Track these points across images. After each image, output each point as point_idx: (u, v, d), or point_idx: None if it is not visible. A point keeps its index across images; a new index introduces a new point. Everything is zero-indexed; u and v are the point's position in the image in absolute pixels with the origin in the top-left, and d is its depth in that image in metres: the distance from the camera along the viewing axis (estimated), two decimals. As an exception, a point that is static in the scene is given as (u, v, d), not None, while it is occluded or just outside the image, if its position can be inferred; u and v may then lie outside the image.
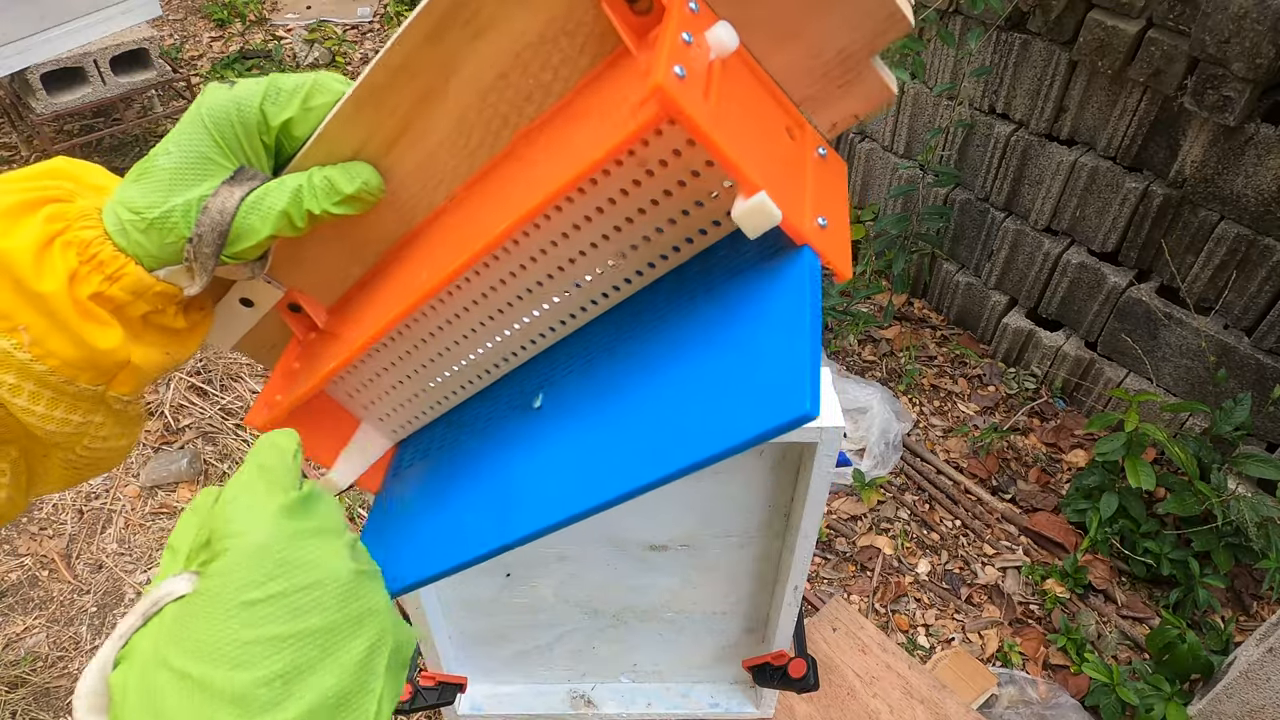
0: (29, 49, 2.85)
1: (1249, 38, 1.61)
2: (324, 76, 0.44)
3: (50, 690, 1.87)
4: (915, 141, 2.39)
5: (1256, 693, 1.50)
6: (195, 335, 0.47)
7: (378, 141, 0.43)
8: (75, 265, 0.40)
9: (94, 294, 0.41)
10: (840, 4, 0.34)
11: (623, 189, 0.38)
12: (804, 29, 0.35)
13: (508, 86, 0.40)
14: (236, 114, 0.42)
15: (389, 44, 0.40)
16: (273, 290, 0.51)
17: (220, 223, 0.41)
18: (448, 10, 0.38)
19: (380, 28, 4.13)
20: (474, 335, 0.49)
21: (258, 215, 0.42)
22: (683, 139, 0.35)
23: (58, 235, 0.40)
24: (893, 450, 2.16)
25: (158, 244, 0.41)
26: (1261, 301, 1.86)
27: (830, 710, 1.22)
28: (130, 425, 0.47)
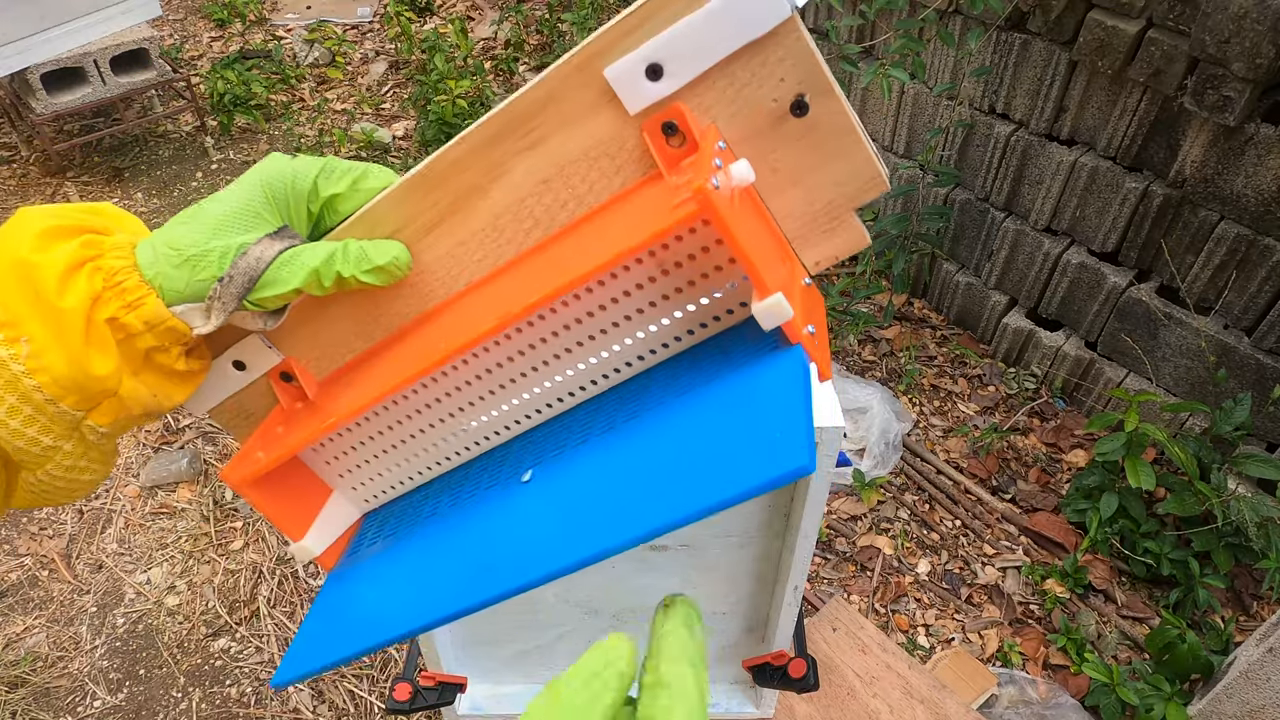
0: (29, 49, 2.85)
1: (1249, 38, 1.61)
2: (375, 166, 0.48)
3: (50, 690, 1.87)
4: (915, 141, 2.39)
5: (1256, 693, 1.50)
6: (186, 384, 0.48)
7: (416, 226, 0.48)
8: (100, 289, 0.42)
9: (110, 318, 0.42)
10: (834, 165, 0.42)
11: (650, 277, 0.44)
12: (803, 181, 0.43)
13: (547, 193, 0.46)
14: (292, 179, 0.46)
15: (451, 142, 0.45)
16: (269, 356, 0.52)
17: (254, 268, 0.43)
18: (510, 122, 0.44)
19: (380, 28, 4.13)
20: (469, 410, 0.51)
21: (289, 269, 0.44)
22: (711, 238, 0.43)
23: (90, 260, 0.42)
24: (893, 450, 2.16)
25: (187, 279, 0.43)
26: (1261, 301, 1.86)
27: (830, 710, 1.22)
28: (98, 460, 0.47)
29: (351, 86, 3.79)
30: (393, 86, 3.77)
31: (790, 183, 0.43)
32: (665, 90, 0.42)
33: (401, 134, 3.50)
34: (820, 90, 0.41)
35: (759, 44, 0.40)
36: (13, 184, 3.26)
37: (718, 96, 0.42)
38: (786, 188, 0.43)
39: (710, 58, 0.41)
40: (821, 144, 0.42)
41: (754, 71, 0.41)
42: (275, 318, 0.48)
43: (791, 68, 0.41)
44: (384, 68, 3.86)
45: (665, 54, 0.41)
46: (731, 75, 0.41)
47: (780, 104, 0.41)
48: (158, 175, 3.33)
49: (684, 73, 0.41)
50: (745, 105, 0.42)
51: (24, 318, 0.40)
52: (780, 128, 0.42)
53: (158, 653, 1.93)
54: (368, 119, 3.59)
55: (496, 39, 3.90)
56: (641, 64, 0.41)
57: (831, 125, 0.42)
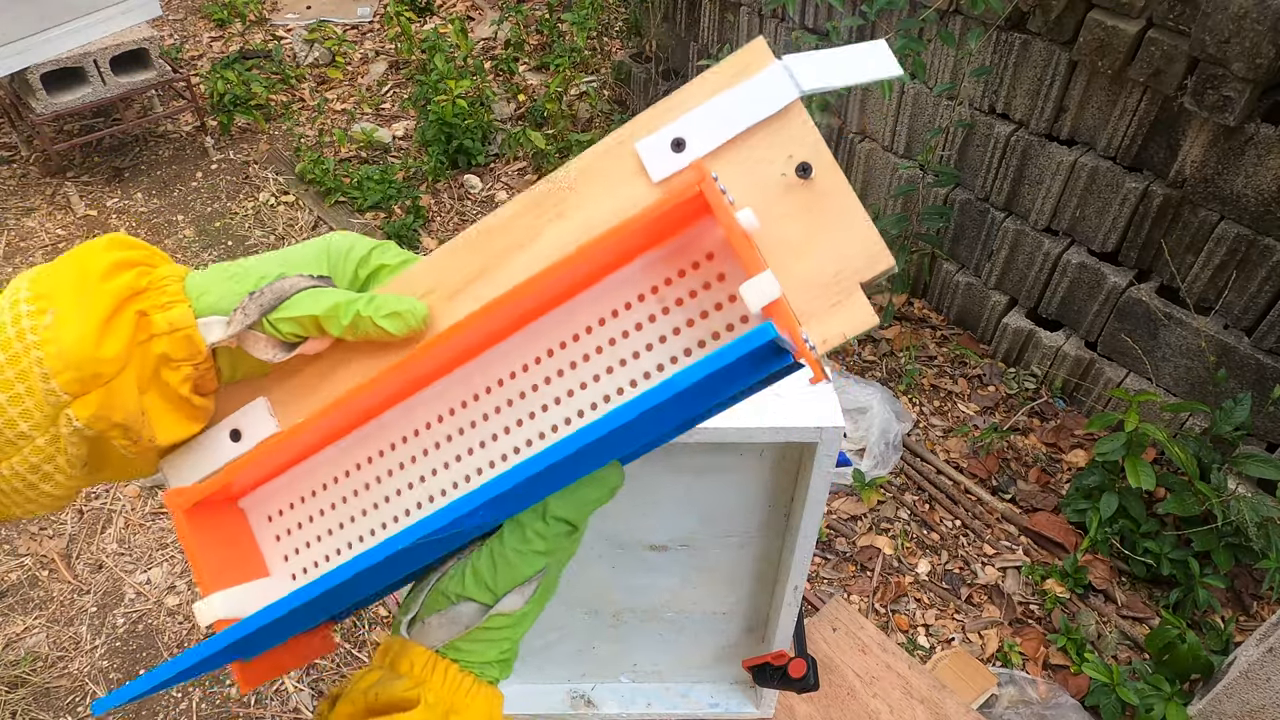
0: (29, 49, 2.85)
1: (1249, 38, 1.61)
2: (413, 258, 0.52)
3: (50, 690, 1.87)
4: (915, 141, 2.39)
5: (1256, 693, 1.50)
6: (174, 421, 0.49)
7: (444, 290, 0.50)
8: (143, 286, 0.46)
9: (141, 310, 0.45)
10: (838, 236, 0.45)
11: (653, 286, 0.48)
12: (810, 252, 0.46)
13: None
14: (349, 246, 0.50)
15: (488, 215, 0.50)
16: (268, 425, 0.53)
17: (284, 291, 0.47)
18: (546, 193, 0.49)
19: (380, 28, 4.13)
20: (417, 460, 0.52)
21: (313, 298, 0.47)
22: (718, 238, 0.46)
23: (139, 264, 0.47)
24: (893, 450, 2.16)
25: (225, 289, 0.47)
26: (1261, 301, 1.86)
27: (830, 710, 1.22)
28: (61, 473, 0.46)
29: (351, 86, 3.79)
30: (393, 86, 3.77)
31: (798, 254, 0.46)
32: (686, 160, 0.47)
33: (401, 134, 3.50)
34: (824, 165, 0.46)
35: (769, 123, 0.46)
36: (13, 184, 3.26)
37: (733, 168, 0.47)
38: (795, 259, 0.46)
39: (727, 133, 0.46)
40: (826, 216, 0.46)
41: (765, 149, 0.46)
42: (284, 350, 0.49)
43: (798, 145, 0.46)
44: (384, 68, 3.86)
45: (688, 129, 0.47)
46: (746, 150, 0.46)
47: (789, 177, 0.46)
48: (158, 175, 3.33)
49: (703, 145, 0.47)
50: (757, 177, 0.46)
51: (62, 292, 0.43)
52: (788, 198, 0.46)
53: (158, 653, 1.93)
54: (368, 119, 3.59)
55: (496, 39, 3.90)
56: (668, 138, 0.47)
57: (835, 197, 0.46)
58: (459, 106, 3.21)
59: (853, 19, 2.03)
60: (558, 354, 0.49)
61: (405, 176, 3.25)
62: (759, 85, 0.46)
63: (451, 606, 0.47)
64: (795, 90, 0.45)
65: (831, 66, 0.46)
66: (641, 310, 0.48)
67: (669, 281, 0.47)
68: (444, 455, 0.51)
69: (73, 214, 3.12)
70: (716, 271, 0.46)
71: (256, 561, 0.55)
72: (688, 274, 0.47)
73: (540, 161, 3.22)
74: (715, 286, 0.47)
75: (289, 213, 3.15)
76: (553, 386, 0.49)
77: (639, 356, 0.48)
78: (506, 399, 0.50)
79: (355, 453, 0.53)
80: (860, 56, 0.46)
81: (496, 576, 0.46)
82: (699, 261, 0.47)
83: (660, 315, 0.47)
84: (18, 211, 3.13)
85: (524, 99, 3.54)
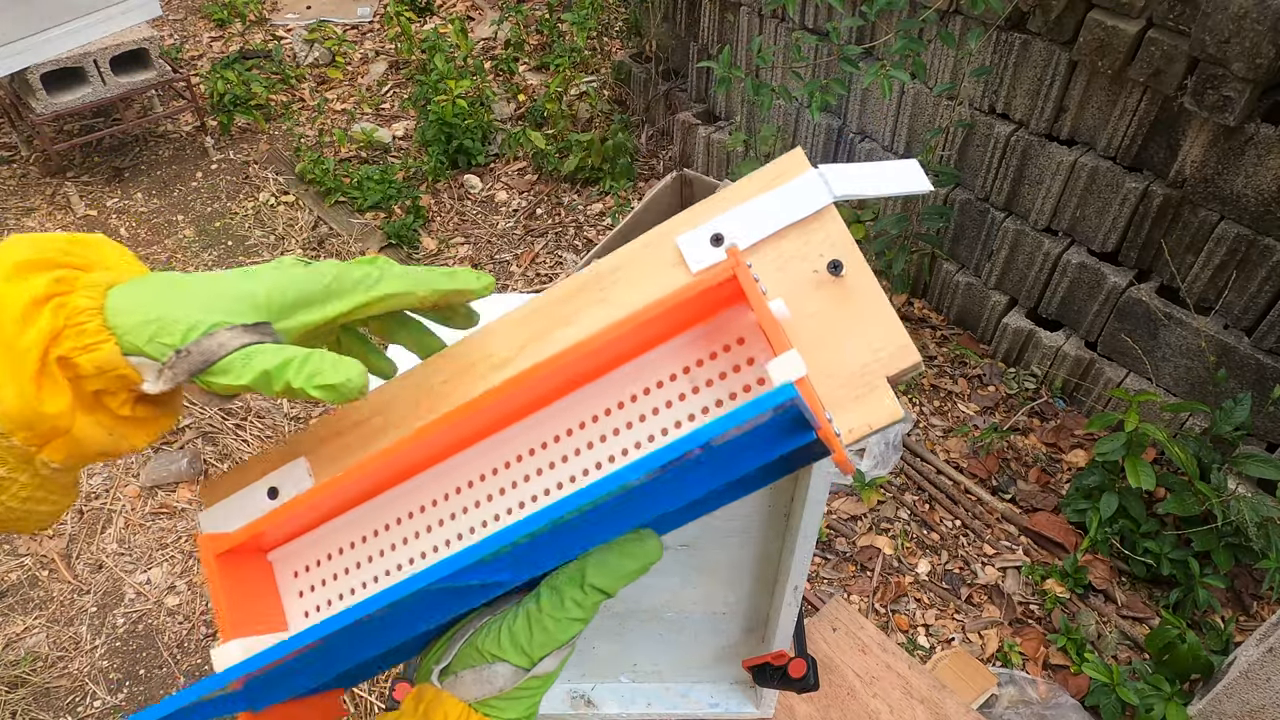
0: (29, 49, 2.85)
1: (1249, 38, 1.61)
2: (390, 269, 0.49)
3: (50, 690, 1.87)
4: (915, 141, 2.39)
5: (1256, 693, 1.50)
6: (145, 428, 0.48)
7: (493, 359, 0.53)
8: (60, 326, 0.42)
9: (63, 356, 0.42)
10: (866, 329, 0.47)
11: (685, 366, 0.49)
12: (838, 343, 0.48)
13: None
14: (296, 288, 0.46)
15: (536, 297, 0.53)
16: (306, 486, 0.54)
17: (213, 353, 0.43)
18: (591, 278, 0.52)
19: (380, 28, 4.13)
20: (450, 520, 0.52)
21: (243, 364, 0.44)
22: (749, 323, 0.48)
23: (58, 295, 0.42)
24: (893, 450, 2.16)
25: (148, 339, 0.43)
26: (1261, 301, 1.86)
27: (830, 710, 1.22)
28: (57, 493, 0.47)
29: (351, 86, 3.79)
30: (393, 86, 3.77)
31: (826, 346, 0.48)
32: (724, 254, 0.50)
33: (401, 134, 3.50)
34: (855, 263, 0.48)
35: (804, 224, 0.49)
36: (13, 184, 3.26)
37: (768, 263, 0.50)
38: (823, 351, 0.48)
39: (764, 231, 0.50)
40: (855, 311, 0.48)
41: (799, 247, 0.49)
42: (225, 400, 0.48)
43: (830, 246, 0.49)
44: (384, 68, 3.86)
45: (728, 226, 0.50)
46: (781, 248, 0.50)
47: (820, 274, 0.49)
48: (158, 175, 3.33)
49: (741, 242, 0.50)
50: (790, 273, 0.49)
51: None
52: (819, 294, 0.48)
53: (158, 653, 1.93)
54: (368, 119, 3.59)
55: (496, 39, 3.90)
56: (708, 233, 0.50)
57: (864, 294, 0.48)
58: (459, 106, 3.21)
59: (853, 19, 2.03)
60: (589, 427, 0.50)
61: (405, 176, 3.25)
62: (796, 189, 0.49)
63: (486, 665, 0.47)
64: (829, 195, 0.49)
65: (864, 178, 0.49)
66: (672, 389, 0.49)
67: (700, 363, 0.49)
68: (470, 520, 0.52)
69: (73, 214, 3.12)
70: (746, 355, 0.48)
71: (277, 615, 0.55)
72: (718, 356, 0.49)
73: (540, 161, 3.22)
74: (744, 370, 0.48)
75: (289, 213, 3.15)
76: (581, 458, 0.50)
77: (666, 433, 0.49)
78: (535, 468, 0.51)
79: (384, 513, 0.54)
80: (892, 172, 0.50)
81: (533, 642, 0.46)
82: (730, 345, 0.49)
83: (690, 394, 0.49)
84: (18, 211, 3.13)
85: (524, 99, 3.54)
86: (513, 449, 0.52)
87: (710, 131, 2.94)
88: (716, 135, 2.92)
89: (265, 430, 2.39)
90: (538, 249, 2.97)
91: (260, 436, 2.37)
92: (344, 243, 2.99)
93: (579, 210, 3.10)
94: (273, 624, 0.54)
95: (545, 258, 2.94)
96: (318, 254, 2.97)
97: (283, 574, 0.56)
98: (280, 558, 0.56)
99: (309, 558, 0.55)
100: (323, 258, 2.94)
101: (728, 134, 2.87)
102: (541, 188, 3.21)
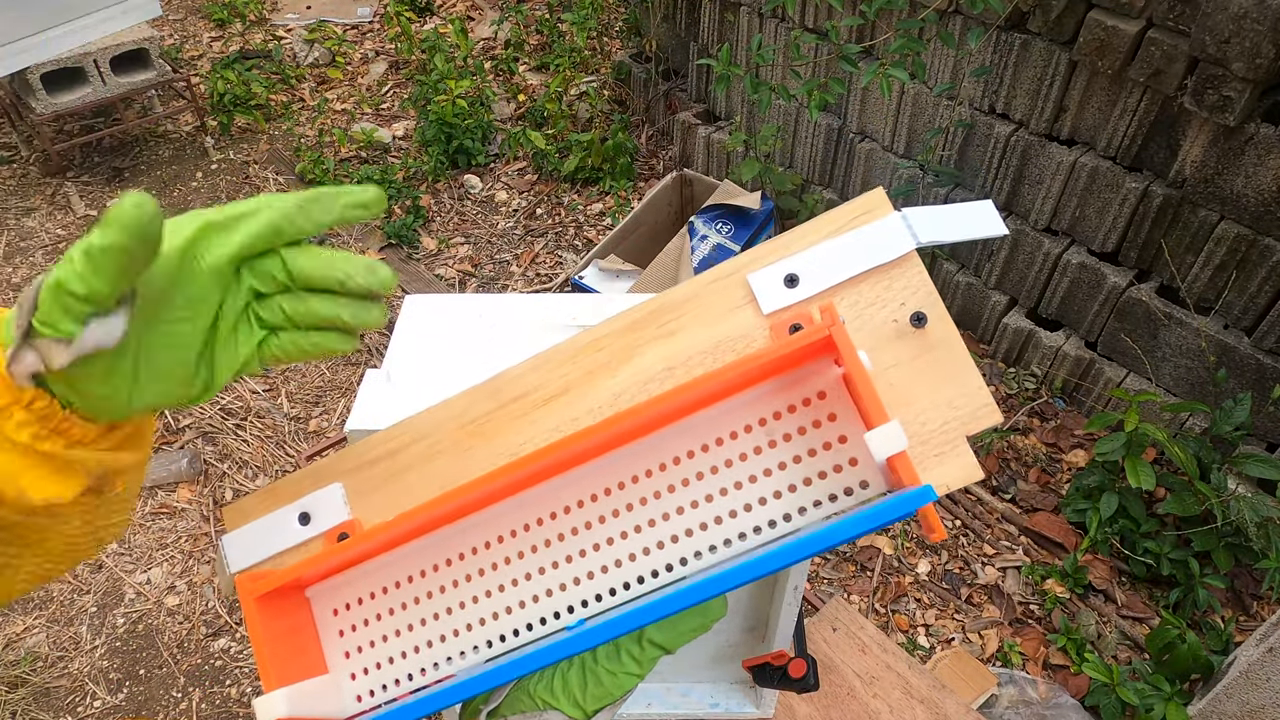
0: (29, 49, 2.85)
1: (1249, 38, 1.61)
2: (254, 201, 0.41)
3: (50, 690, 1.87)
4: (915, 141, 2.39)
5: (1256, 693, 1.50)
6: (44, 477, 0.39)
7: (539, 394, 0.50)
8: None
9: None
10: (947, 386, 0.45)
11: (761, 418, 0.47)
12: (917, 399, 0.46)
13: (669, 379, 0.49)
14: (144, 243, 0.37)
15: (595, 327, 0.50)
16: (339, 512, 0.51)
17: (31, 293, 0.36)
18: (654, 313, 0.49)
19: (380, 28, 4.13)
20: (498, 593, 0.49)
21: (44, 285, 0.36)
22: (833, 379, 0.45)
23: None
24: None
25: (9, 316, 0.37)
26: (1261, 301, 1.86)
27: (830, 710, 1.22)
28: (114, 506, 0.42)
29: (351, 86, 3.79)
30: (393, 86, 3.77)
31: (904, 400, 0.46)
32: (798, 296, 0.47)
33: (401, 134, 3.50)
34: (937, 315, 0.46)
35: (884, 269, 0.47)
36: (13, 184, 3.26)
37: (845, 309, 0.47)
38: (901, 405, 0.46)
39: (841, 274, 0.47)
40: (935, 365, 0.46)
41: (878, 293, 0.47)
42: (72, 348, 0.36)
43: (911, 294, 0.47)
44: (384, 68, 3.86)
45: (803, 267, 0.48)
46: (859, 293, 0.47)
47: (900, 324, 0.46)
48: (158, 175, 3.33)
49: (817, 284, 0.47)
50: (867, 321, 0.47)
51: None
52: (898, 344, 0.46)
53: (158, 653, 1.93)
54: (368, 119, 3.58)
55: (496, 39, 3.90)
56: (782, 273, 0.48)
57: (946, 348, 0.46)
58: (459, 106, 3.21)
59: (852, 18, 2.03)
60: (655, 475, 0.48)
61: (405, 176, 3.25)
62: (876, 232, 0.47)
63: (538, 712, 0.45)
64: (912, 241, 0.47)
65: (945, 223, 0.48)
66: (747, 440, 0.47)
67: (778, 415, 0.47)
68: (525, 566, 0.49)
69: (73, 214, 3.12)
70: (828, 411, 0.46)
71: (316, 656, 0.53)
72: (798, 410, 0.47)
73: (540, 161, 3.22)
74: (825, 425, 0.46)
75: (289, 213, 3.15)
76: (649, 507, 0.48)
77: (741, 486, 0.47)
78: (598, 514, 0.48)
79: (431, 554, 0.51)
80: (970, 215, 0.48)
81: (587, 694, 0.44)
82: (810, 398, 0.47)
83: (767, 448, 0.47)
84: (18, 211, 3.13)
85: (524, 99, 3.54)
86: (574, 494, 0.49)
87: (710, 131, 2.94)
88: (716, 135, 2.92)
89: (265, 430, 2.39)
90: (538, 249, 2.97)
91: (260, 436, 2.37)
92: (344, 243, 2.99)
93: (579, 210, 3.10)
94: (312, 666, 0.52)
95: (545, 257, 2.94)
96: (318, 254, 2.97)
97: (321, 611, 0.53)
98: (319, 594, 0.53)
99: (349, 595, 0.53)
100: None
101: (728, 134, 2.87)
102: (541, 188, 3.21)
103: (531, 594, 0.49)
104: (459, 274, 2.89)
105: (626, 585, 0.47)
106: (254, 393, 2.48)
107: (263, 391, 2.49)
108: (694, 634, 0.45)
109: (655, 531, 0.47)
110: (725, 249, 2.46)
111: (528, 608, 0.49)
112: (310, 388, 2.52)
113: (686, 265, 2.39)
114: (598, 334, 0.50)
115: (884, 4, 1.87)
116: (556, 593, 0.48)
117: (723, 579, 0.39)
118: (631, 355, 0.49)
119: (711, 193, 2.59)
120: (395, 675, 0.51)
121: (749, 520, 0.46)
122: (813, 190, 2.73)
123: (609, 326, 0.50)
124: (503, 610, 0.49)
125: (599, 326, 0.50)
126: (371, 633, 0.52)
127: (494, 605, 0.49)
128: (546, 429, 0.50)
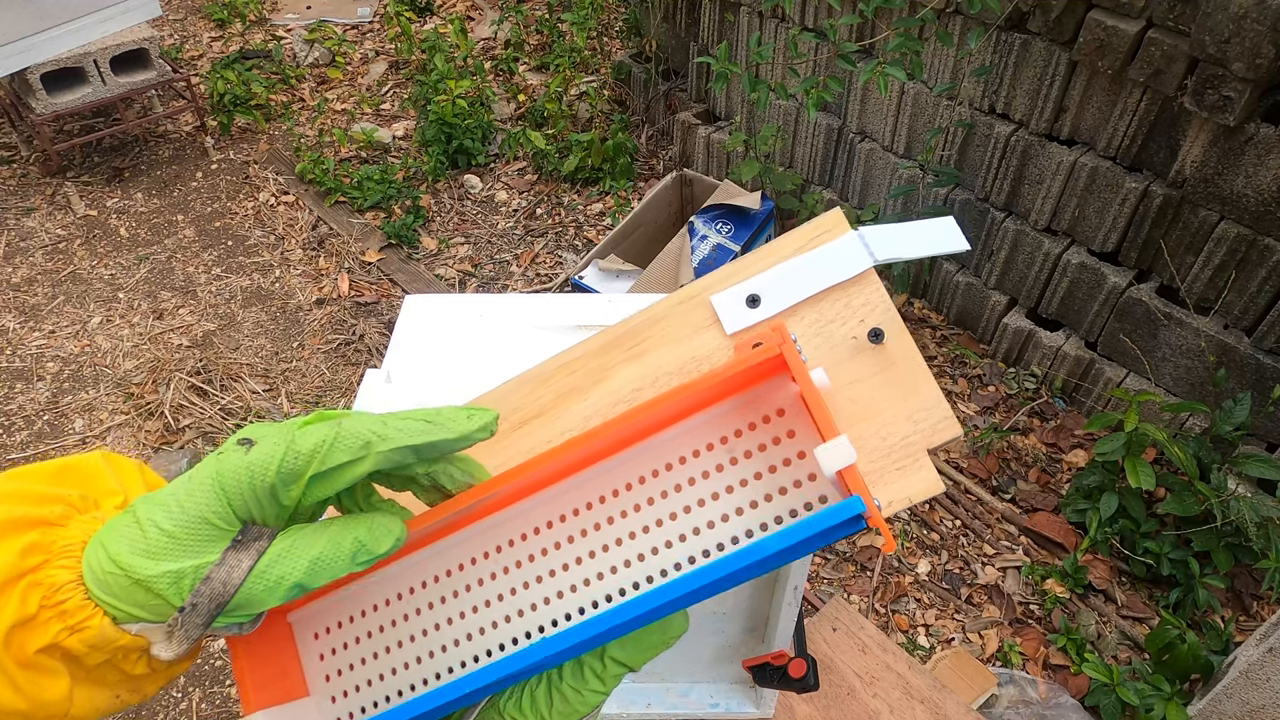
0: (29, 49, 2.85)
1: (1249, 38, 1.61)
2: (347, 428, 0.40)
3: (50, 690, 1.87)
4: (915, 141, 2.39)
5: (1256, 693, 1.50)
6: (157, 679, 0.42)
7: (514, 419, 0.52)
8: (34, 610, 0.36)
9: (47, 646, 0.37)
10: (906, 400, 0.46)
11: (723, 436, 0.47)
12: (878, 414, 0.47)
13: (638, 399, 0.51)
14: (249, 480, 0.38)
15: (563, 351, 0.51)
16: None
17: (223, 595, 0.38)
18: (623, 335, 0.51)
19: (380, 28, 4.13)
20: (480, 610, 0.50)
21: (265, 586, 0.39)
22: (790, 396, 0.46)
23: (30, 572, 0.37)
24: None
25: (140, 603, 0.38)
26: (1261, 301, 1.86)
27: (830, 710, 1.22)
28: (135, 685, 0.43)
29: (351, 86, 3.79)
30: (393, 86, 3.77)
31: (866, 415, 0.47)
32: (760, 316, 0.49)
33: (401, 134, 3.50)
34: (895, 331, 0.47)
35: (843, 287, 0.48)
36: (13, 184, 3.26)
37: (805, 327, 0.48)
38: (862, 421, 0.47)
39: (801, 293, 0.48)
40: (895, 380, 0.47)
41: (838, 310, 0.48)
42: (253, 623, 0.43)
43: (870, 310, 0.48)
44: (384, 68, 3.86)
45: (764, 287, 0.49)
46: (819, 311, 0.49)
47: (859, 340, 0.48)
48: (158, 175, 3.33)
49: (778, 303, 0.49)
50: (828, 337, 0.48)
51: None
52: (857, 360, 0.47)
53: (158, 653, 1.93)
54: (368, 119, 3.58)
55: (496, 39, 3.90)
56: (744, 294, 0.49)
57: (905, 362, 0.47)
58: (459, 106, 3.21)
59: (851, 17, 2.03)
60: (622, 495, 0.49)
61: (405, 176, 3.25)
62: (834, 251, 0.48)
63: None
64: (870, 259, 0.48)
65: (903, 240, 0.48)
66: (709, 459, 0.47)
67: (739, 433, 0.47)
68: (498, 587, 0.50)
69: (73, 214, 3.12)
70: (787, 428, 0.47)
71: (297, 679, 0.53)
72: (758, 427, 0.47)
73: (540, 161, 3.22)
74: (784, 442, 0.46)
75: (289, 213, 3.15)
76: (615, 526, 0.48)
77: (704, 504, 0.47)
78: (567, 535, 0.49)
79: (408, 577, 0.52)
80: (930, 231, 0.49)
81: (553, 710, 0.45)
82: (769, 416, 0.47)
83: (728, 465, 0.47)
84: (18, 211, 3.13)
85: (524, 99, 3.54)
86: (543, 515, 0.50)
87: (710, 131, 2.94)
88: (716, 135, 2.92)
89: (265, 430, 2.38)
90: (538, 249, 2.97)
91: (260, 436, 2.37)
92: (344, 242, 2.99)
93: (579, 210, 3.10)
94: (293, 689, 0.53)
95: (545, 257, 2.94)
96: (317, 254, 2.97)
97: (303, 635, 0.54)
98: (301, 619, 0.54)
99: (330, 619, 0.54)
100: (322, 258, 2.94)
101: (727, 134, 2.87)
102: (541, 188, 3.21)
103: (504, 614, 0.50)
104: (459, 274, 2.89)
105: (595, 604, 0.48)
106: (254, 393, 2.48)
107: (263, 391, 2.49)
108: (656, 650, 0.46)
109: (623, 550, 0.48)
110: (725, 249, 2.46)
111: (500, 628, 0.50)
112: (310, 388, 2.52)
113: (686, 265, 2.39)
114: (571, 356, 0.52)
115: (882, 3, 1.87)
116: (528, 612, 0.49)
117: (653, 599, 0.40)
118: (602, 377, 0.51)
119: (711, 193, 2.59)
120: (375, 697, 0.52)
121: (712, 537, 0.47)
122: (813, 190, 2.73)
123: (582, 349, 0.51)
124: (476, 631, 0.50)
125: (573, 349, 0.51)
126: (351, 655, 0.53)
127: (470, 625, 0.50)
128: (521, 452, 0.51)
